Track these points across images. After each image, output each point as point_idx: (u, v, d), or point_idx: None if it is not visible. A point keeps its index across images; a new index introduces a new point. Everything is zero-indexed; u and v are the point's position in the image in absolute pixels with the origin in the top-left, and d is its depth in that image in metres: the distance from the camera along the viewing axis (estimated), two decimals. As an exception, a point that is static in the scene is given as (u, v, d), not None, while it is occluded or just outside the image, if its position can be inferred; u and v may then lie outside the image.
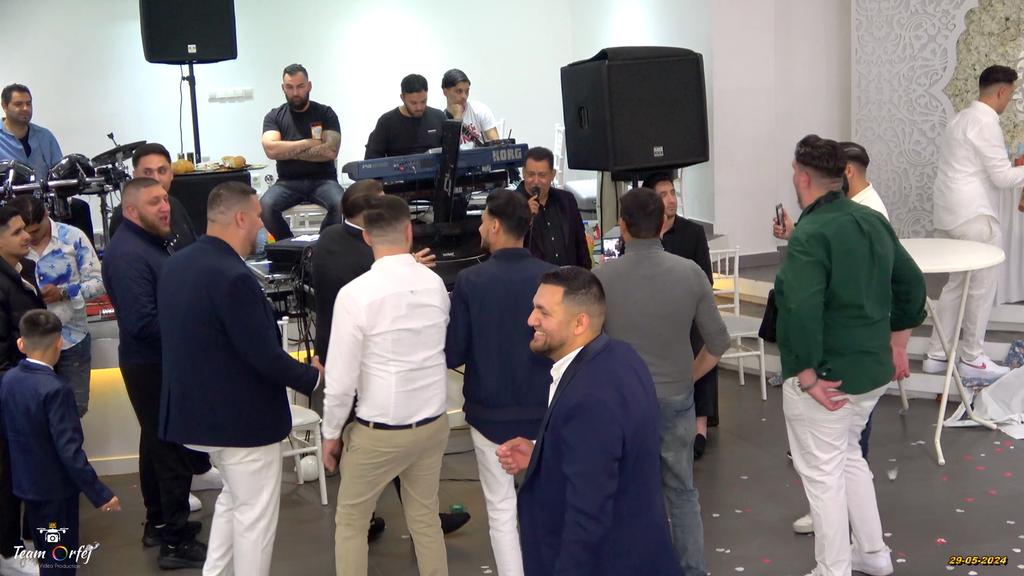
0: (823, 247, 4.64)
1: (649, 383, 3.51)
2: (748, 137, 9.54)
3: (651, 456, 3.46)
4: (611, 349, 3.48)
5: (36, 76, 9.78)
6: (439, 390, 4.73)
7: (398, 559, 5.75)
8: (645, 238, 4.78)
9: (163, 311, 4.87)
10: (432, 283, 4.70)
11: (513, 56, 11.90)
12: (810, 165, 4.79)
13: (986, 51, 8.86)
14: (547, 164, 6.84)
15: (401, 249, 4.68)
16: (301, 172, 8.81)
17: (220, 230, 4.73)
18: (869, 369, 4.82)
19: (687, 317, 4.79)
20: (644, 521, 3.40)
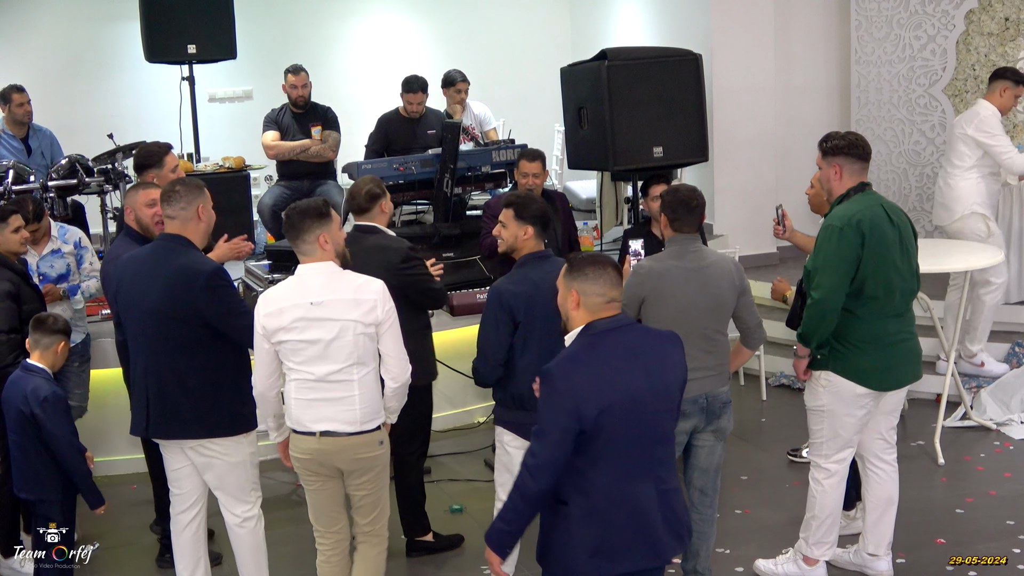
0: (858, 233, 4.69)
1: (659, 373, 3.61)
2: (748, 137, 9.54)
3: (633, 441, 3.55)
4: (619, 331, 3.62)
5: (36, 76, 9.79)
6: (351, 406, 4.40)
7: (397, 559, 5.75)
8: (687, 233, 4.80)
9: (129, 312, 4.80)
10: (349, 294, 4.38)
11: (513, 56, 11.90)
12: (841, 154, 4.83)
13: (986, 51, 8.87)
14: (540, 165, 6.84)
15: (318, 257, 4.43)
16: (301, 172, 8.81)
17: (180, 226, 4.71)
18: (899, 361, 4.88)
19: (728, 310, 4.82)
20: (619, 502, 3.55)
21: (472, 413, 7.67)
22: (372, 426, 4.45)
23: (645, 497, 3.60)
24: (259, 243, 8.86)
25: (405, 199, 7.80)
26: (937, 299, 7.30)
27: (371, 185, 5.57)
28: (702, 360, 4.65)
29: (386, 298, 4.44)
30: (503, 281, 4.84)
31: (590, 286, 3.65)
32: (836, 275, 4.71)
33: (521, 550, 4.71)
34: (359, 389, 4.40)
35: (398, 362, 4.48)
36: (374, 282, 4.46)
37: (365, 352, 4.40)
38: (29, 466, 5.00)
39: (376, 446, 4.48)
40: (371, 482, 4.53)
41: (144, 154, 6.11)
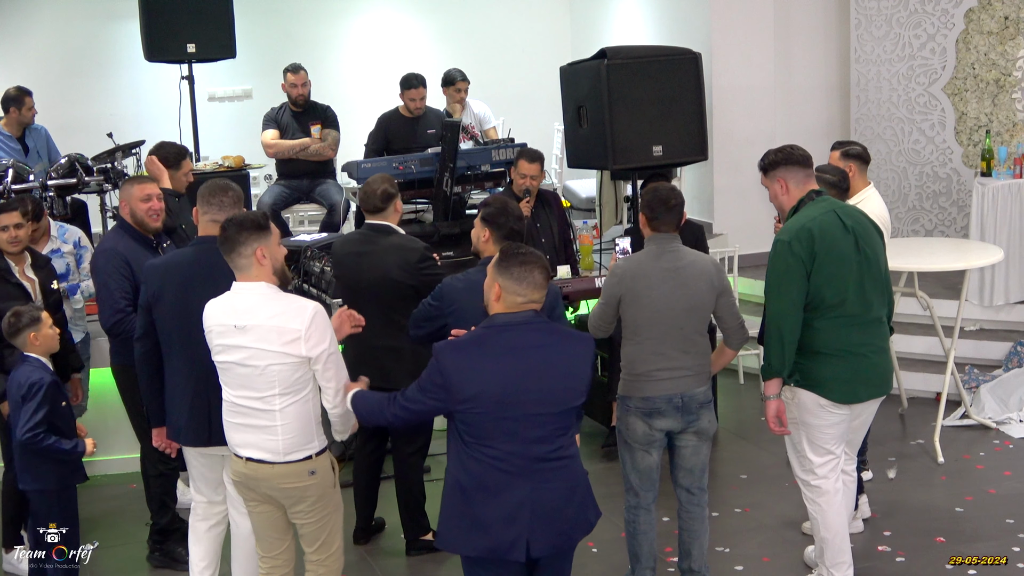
0: (807, 244, 4.59)
1: (545, 373, 3.74)
2: (747, 136, 9.53)
3: (507, 435, 3.72)
4: (516, 327, 3.77)
5: (35, 75, 9.78)
6: (273, 436, 4.16)
7: (397, 558, 5.75)
8: (666, 232, 4.81)
9: (177, 314, 4.67)
10: (273, 321, 4.09)
11: (512, 55, 11.89)
12: (779, 167, 4.79)
13: (985, 50, 8.87)
14: (540, 167, 6.84)
15: (253, 274, 4.17)
16: (300, 171, 8.81)
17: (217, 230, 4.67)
18: (862, 374, 4.73)
19: (707, 311, 4.83)
20: (484, 489, 3.75)
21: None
22: (297, 457, 4.18)
23: (517, 496, 3.73)
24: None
25: (405, 198, 7.75)
26: (937, 298, 7.29)
27: (386, 185, 5.55)
28: (679, 360, 4.67)
29: (316, 328, 4.10)
30: (452, 276, 4.92)
31: (513, 284, 3.78)
32: (787, 294, 4.61)
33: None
34: (280, 420, 4.15)
35: (337, 393, 4.22)
36: (305, 310, 4.12)
37: (288, 382, 4.13)
38: (25, 456, 5.04)
39: (304, 476, 4.20)
40: (308, 513, 4.28)
41: (163, 153, 6.19)
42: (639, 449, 4.81)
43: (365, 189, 5.61)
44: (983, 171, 8.26)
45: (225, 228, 4.19)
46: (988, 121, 8.91)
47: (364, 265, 5.49)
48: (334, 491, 4.35)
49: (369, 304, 5.47)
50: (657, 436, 4.77)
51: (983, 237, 7.87)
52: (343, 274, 5.69)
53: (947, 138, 9.15)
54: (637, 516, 4.90)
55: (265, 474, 4.20)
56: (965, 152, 9.08)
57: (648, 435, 4.76)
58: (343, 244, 5.76)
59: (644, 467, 4.85)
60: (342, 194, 8.75)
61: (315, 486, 4.24)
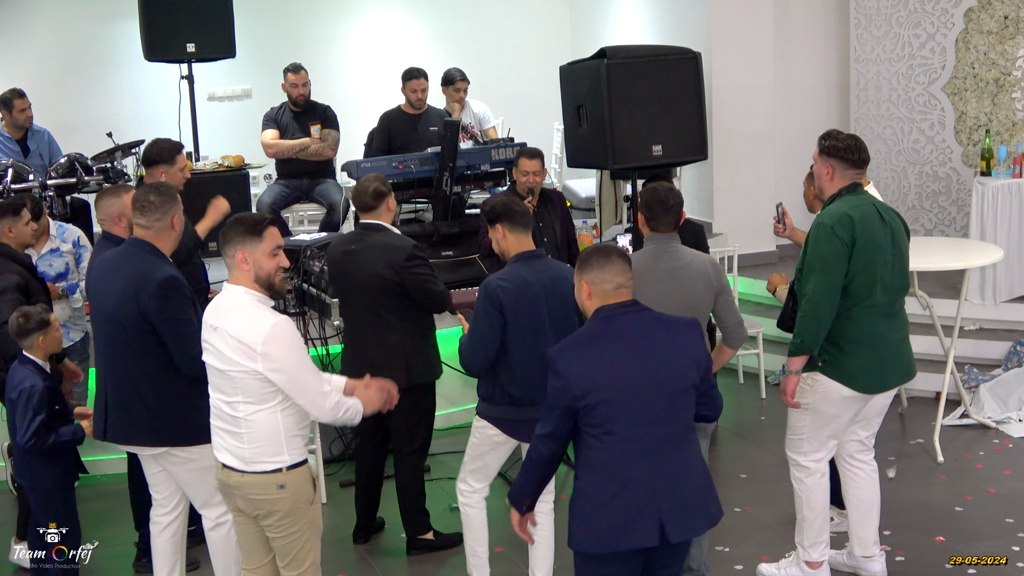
0: (849, 229, 4.64)
1: (662, 356, 3.73)
2: (747, 135, 9.54)
3: (633, 421, 3.68)
4: (625, 315, 3.77)
5: (35, 75, 9.79)
6: (240, 443, 4.05)
7: (397, 558, 5.75)
8: (664, 232, 4.82)
9: (93, 314, 4.83)
10: (237, 331, 3.96)
11: (512, 55, 11.89)
12: (835, 157, 4.79)
13: (985, 49, 8.87)
14: (540, 163, 6.84)
15: (234, 277, 4.08)
16: (300, 171, 8.81)
17: (153, 235, 4.66)
18: (890, 363, 4.82)
19: (705, 310, 4.84)
20: (622, 480, 3.68)
21: (471, 412, 7.63)
22: (265, 468, 4.03)
23: (649, 477, 3.69)
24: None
25: (404, 197, 7.79)
26: (937, 297, 7.29)
27: (377, 183, 5.56)
28: None
29: (272, 347, 3.91)
30: (494, 276, 4.89)
31: (596, 275, 3.78)
32: (830, 275, 4.66)
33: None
34: (246, 428, 4.02)
35: (312, 407, 4.05)
36: (265, 321, 3.96)
37: (251, 391, 3.98)
38: (20, 455, 5.09)
39: (272, 489, 4.04)
40: (278, 527, 4.11)
41: (156, 150, 6.00)
42: None
43: (357, 188, 5.63)
44: (983, 170, 8.27)
45: (224, 229, 4.15)
46: (988, 120, 8.91)
47: (354, 263, 5.49)
48: (309, 508, 4.14)
49: (359, 302, 5.51)
50: None
51: (983, 236, 7.87)
52: (335, 273, 5.70)
53: (947, 137, 9.15)
54: None
55: (236, 482, 4.10)
56: (965, 151, 9.08)
57: None
58: (337, 243, 5.78)
59: None
60: (342, 194, 8.75)
61: (285, 500, 4.06)
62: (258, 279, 4.06)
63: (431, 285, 5.46)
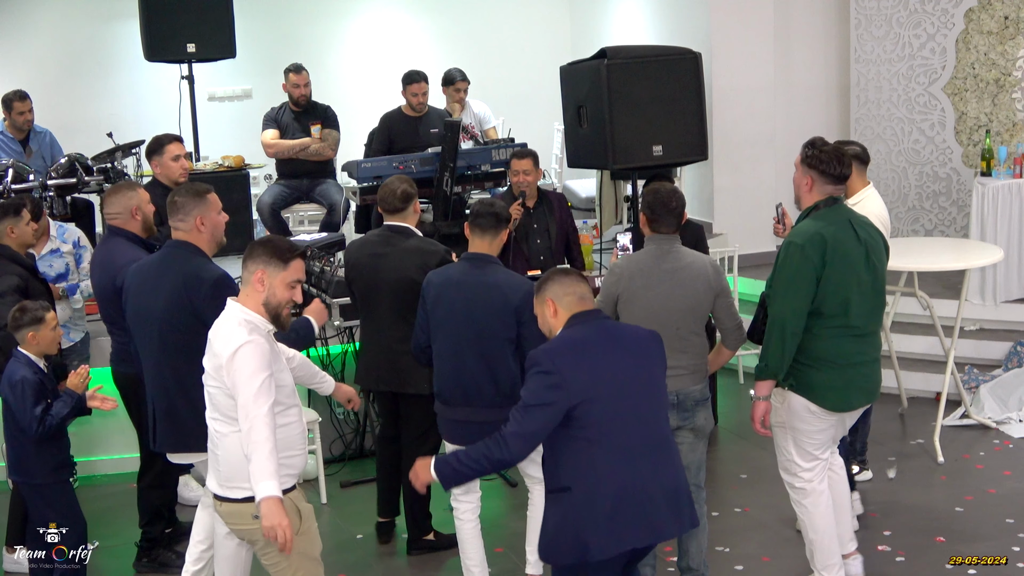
0: (819, 250, 4.56)
1: (643, 358, 3.81)
2: (747, 136, 9.54)
3: (627, 420, 3.73)
4: (599, 320, 3.86)
5: (35, 75, 9.78)
6: (214, 465, 3.99)
7: (397, 558, 5.75)
8: (666, 233, 4.83)
9: (137, 321, 4.78)
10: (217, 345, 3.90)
11: (512, 55, 11.88)
12: (815, 169, 4.71)
13: (985, 50, 8.87)
14: (531, 162, 6.83)
15: (241, 297, 4.02)
16: (300, 171, 8.81)
17: (184, 235, 4.70)
18: (855, 383, 4.73)
19: (705, 311, 4.85)
20: (620, 481, 3.69)
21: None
22: (238, 494, 3.92)
23: (644, 476, 3.74)
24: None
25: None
26: (937, 298, 7.29)
27: (404, 185, 5.52)
28: (675, 359, 4.64)
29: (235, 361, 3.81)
30: (434, 270, 5.05)
31: (558, 288, 3.85)
32: (796, 297, 4.59)
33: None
34: (223, 449, 3.94)
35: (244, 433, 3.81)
36: (236, 338, 3.84)
37: (222, 409, 3.91)
38: (14, 451, 5.11)
39: (247, 519, 3.90)
40: (264, 555, 4.00)
41: (149, 144, 6.18)
42: None
43: (384, 189, 5.55)
44: (983, 171, 8.26)
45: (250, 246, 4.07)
46: (988, 121, 8.91)
47: (383, 266, 5.46)
48: (296, 537, 3.86)
49: (385, 306, 5.48)
50: None
51: (983, 237, 7.87)
52: (359, 276, 5.61)
53: (947, 138, 9.15)
54: None
55: (219, 511, 4.03)
56: (965, 152, 9.08)
57: None
58: (360, 246, 5.72)
59: None
60: (342, 194, 8.75)
61: (260, 531, 3.83)
62: (267, 304, 3.95)
63: None
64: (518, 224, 6.75)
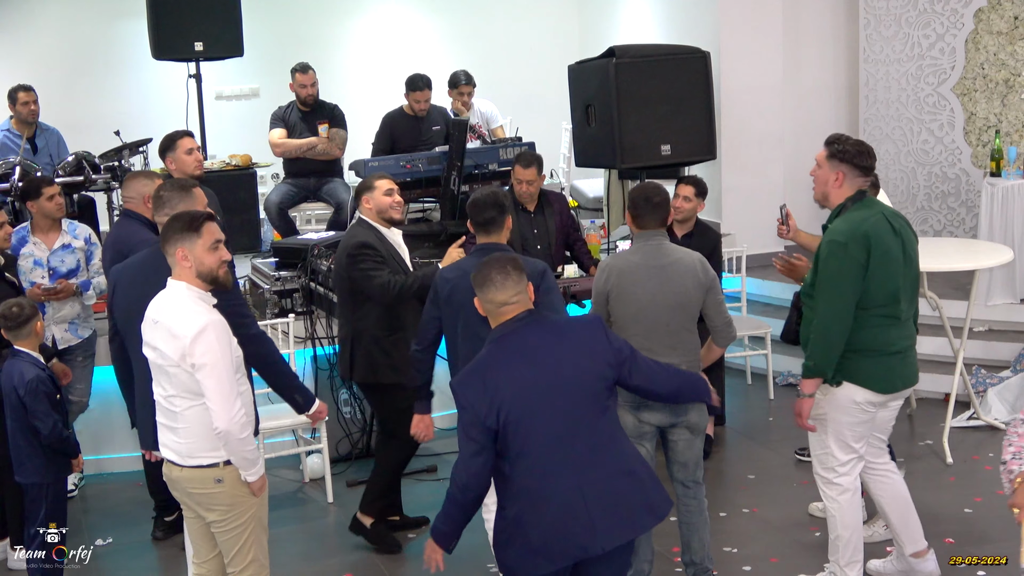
0: (864, 246, 4.56)
1: (563, 366, 3.70)
2: (756, 136, 9.51)
3: (544, 438, 3.66)
4: (515, 333, 3.74)
5: (42, 74, 9.78)
6: (178, 438, 4.11)
7: (401, 556, 5.73)
8: (650, 229, 4.83)
9: (127, 319, 4.69)
10: (170, 322, 4.00)
11: (520, 54, 11.88)
12: (847, 162, 4.68)
13: (995, 50, 8.84)
14: (535, 171, 6.76)
15: (175, 273, 4.11)
16: (307, 170, 8.80)
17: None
18: (898, 369, 4.76)
19: (695, 308, 4.83)
20: (543, 500, 3.66)
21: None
22: (202, 462, 4.09)
23: (567, 493, 3.67)
24: (265, 241, 8.85)
25: (412, 197, 7.79)
26: (946, 298, 7.26)
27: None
28: (666, 355, 4.64)
29: (198, 345, 3.92)
30: (445, 266, 5.03)
31: (480, 294, 3.79)
32: (842, 296, 4.57)
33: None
34: (183, 422, 4.08)
35: (218, 415, 3.96)
36: (198, 320, 3.97)
37: (185, 385, 4.02)
38: (19, 450, 5.09)
39: (210, 483, 4.10)
40: (220, 522, 4.17)
41: (162, 141, 6.21)
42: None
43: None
44: (992, 171, 8.24)
45: (164, 226, 4.23)
46: (997, 121, 8.88)
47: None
48: (252, 502, 4.18)
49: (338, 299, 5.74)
50: (647, 429, 4.77)
51: (992, 237, 7.84)
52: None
53: (956, 138, 9.12)
54: None
55: (176, 475, 4.16)
56: (974, 152, 9.06)
57: (638, 427, 4.75)
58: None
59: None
60: (349, 193, 8.72)
61: (223, 494, 4.12)
62: (200, 274, 4.08)
63: (373, 281, 5.48)
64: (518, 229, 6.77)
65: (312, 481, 6.73)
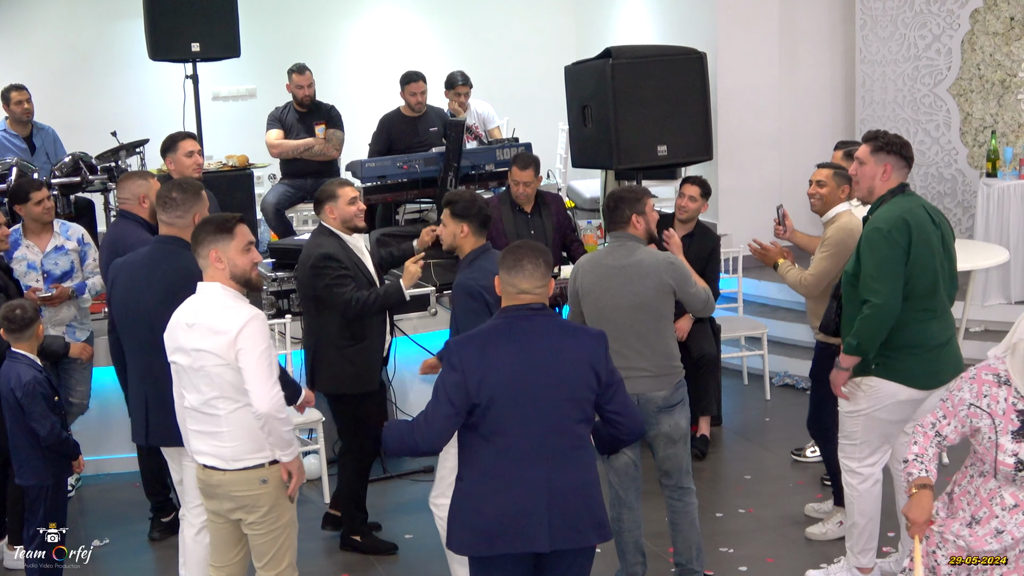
0: (905, 234, 4.58)
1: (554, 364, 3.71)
2: (752, 136, 9.52)
3: (522, 425, 3.69)
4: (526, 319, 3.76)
5: (39, 74, 9.77)
6: (221, 442, 4.10)
7: (398, 557, 5.74)
8: (618, 231, 4.86)
9: (125, 316, 4.80)
10: (212, 321, 4.03)
11: (517, 54, 11.88)
12: (895, 154, 4.70)
13: (991, 51, 8.85)
14: (533, 173, 6.80)
15: (209, 275, 4.13)
16: (304, 171, 8.80)
17: (178, 231, 4.71)
18: (943, 360, 4.76)
19: (661, 310, 4.80)
20: (504, 483, 3.70)
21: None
22: (248, 464, 4.12)
23: (531, 483, 3.70)
24: (262, 241, 8.84)
25: (409, 197, 7.80)
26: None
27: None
28: (633, 359, 4.68)
29: (245, 337, 3.99)
30: (466, 276, 4.87)
31: (505, 275, 3.81)
32: (892, 281, 4.58)
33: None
34: (227, 426, 4.09)
35: (259, 398, 4.00)
36: (242, 312, 4.04)
37: (229, 386, 4.04)
38: (20, 452, 5.09)
39: (255, 484, 4.13)
40: (260, 523, 4.18)
41: (164, 141, 6.30)
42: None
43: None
44: (988, 172, 8.25)
45: (195, 228, 4.22)
46: (993, 122, 8.90)
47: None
48: (289, 505, 4.24)
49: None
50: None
51: (988, 238, 7.86)
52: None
53: (952, 139, 9.14)
54: (620, 514, 4.91)
55: (218, 480, 4.14)
56: (970, 153, 9.07)
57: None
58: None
59: (619, 465, 4.88)
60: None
61: (267, 495, 4.15)
62: (234, 276, 4.12)
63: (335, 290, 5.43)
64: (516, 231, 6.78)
65: (309, 482, 6.72)
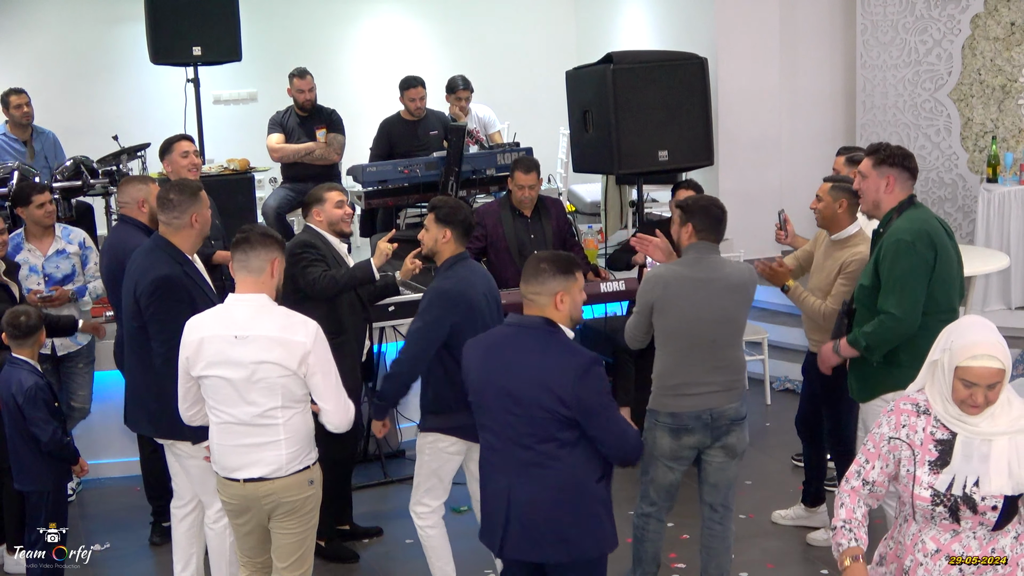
0: (930, 245, 4.57)
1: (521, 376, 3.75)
2: (753, 141, 9.53)
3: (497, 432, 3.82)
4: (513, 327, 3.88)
5: (40, 78, 9.79)
6: (277, 451, 4.08)
7: (398, 559, 5.74)
8: (708, 242, 4.65)
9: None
10: (274, 331, 4.02)
11: (518, 60, 11.89)
12: (898, 166, 4.69)
13: (991, 56, 8.86)
14: (535, 176, 6.81)
15: (253, 284, 4.10)
16: (305, 175, 8.80)
17: (172, 232, 4.73)
18: None
19: (740, 324, 4.72)
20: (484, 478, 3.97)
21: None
22: (299, 467, 4.13)
23: (495, 489, 3.86)
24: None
25: (410, 202, 7.80)
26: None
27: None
28: (709, 375, 4.58)
29: (318, 342, 4.04)
30: (441, 282, 4.81)
31: (524, 286, 3.89)
32: (914, 292, 4.56)
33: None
34: (284, 433, 4.07)
35: (336, 413, 4.11)
36: (308, 323, 4.06)
37: (290, 394, 4.06)
38: (20, 457, 5.09)
39: (305, 486, 4.15)
40: (296, 525, 4.18)
41: (162, 144, 6.38)
42: (663, 464, 4.70)
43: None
44: (989, 177, 8.27)
45: (245, 232, 4.17)
46: (994, 127, 8.90)
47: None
48: (318, 508, 4.27)
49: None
50: (685, 453, 4.68)
51: (988, 243, 7.86)
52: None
53: (953, 144, 9.14)
54: (647, 524, 4.83)
55: (267, 490, 4.10)
56: (971, 158, 9.07)
57: (675, 452, 4.66)
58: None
59: (666, 483, 4.76)
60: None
61: (312, 496, 4.20)
62: (276, 288, 4.18)
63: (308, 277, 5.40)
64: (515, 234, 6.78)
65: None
